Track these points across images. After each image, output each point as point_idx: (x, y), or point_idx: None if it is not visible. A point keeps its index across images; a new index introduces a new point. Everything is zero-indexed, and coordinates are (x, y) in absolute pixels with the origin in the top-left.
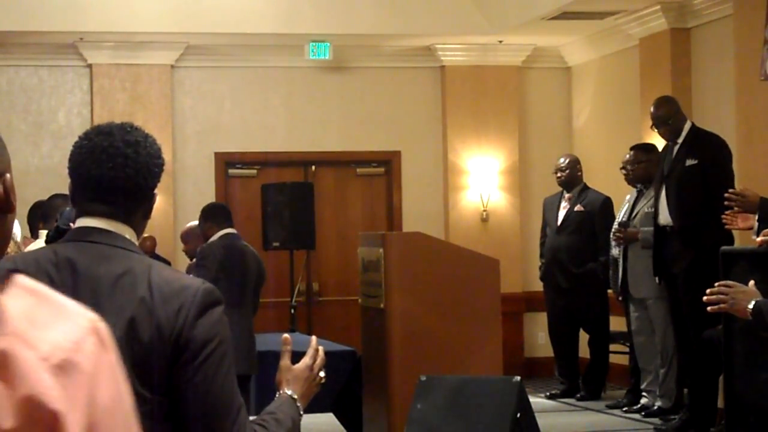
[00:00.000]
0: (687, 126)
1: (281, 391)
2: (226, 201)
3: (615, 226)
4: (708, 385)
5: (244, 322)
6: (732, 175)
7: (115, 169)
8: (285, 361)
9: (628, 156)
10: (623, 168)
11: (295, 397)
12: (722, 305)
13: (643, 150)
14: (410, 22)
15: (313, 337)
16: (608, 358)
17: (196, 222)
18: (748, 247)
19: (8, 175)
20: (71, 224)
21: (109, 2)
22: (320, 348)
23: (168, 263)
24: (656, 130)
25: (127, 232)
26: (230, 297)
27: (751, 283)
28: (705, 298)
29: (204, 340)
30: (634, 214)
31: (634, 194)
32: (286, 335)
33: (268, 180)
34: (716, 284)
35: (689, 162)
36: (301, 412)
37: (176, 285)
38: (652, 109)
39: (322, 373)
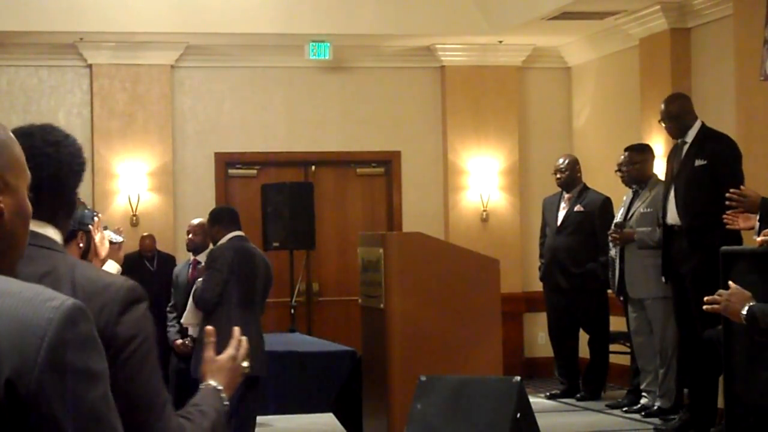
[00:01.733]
0: (697, 125)
1: (205, 383)
2: (226, 201)
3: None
4: (708, 385)
5: (252, 323)
6: (741, 176)
7: (36, 169)
8: (209, 352)
9: (622, 157)
10: (618, 170)
11: (220, 388)
12: (716, 306)
13: (637, 151)
14: (410, 22)
15: (236, 328)
16: (608, 358)
17: (200, 219)
18: (748, 247)
19: None
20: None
21: (109, 2)
22: (243, 339)
23: (172, 259)
24: (662, 125)
25: (51, 231)
26: (239, 298)
27: (732, 285)
28: (706, 299)
29: (128, 337)
30: (630, 214)
31: (630, 195)
32: (209, 327)
33: (268, 180)
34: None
35: (698, 162)
36: (226, 402)
37: (99, 283)
38: (663, 104)
39: (245, 363)
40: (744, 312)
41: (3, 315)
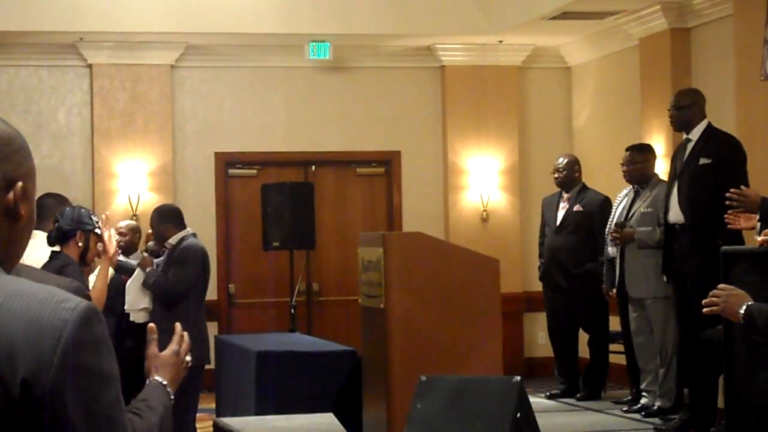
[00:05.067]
0: (703, 124)
1: (151, 378)
2: (226, 201)
3: (611, 226)
4: (708, 385)
5: (204, 317)
6: (745, 177)
7: None
8: (152, 349)
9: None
10: (622, 165)
11: (165, 383)
12: (714, 308)
13: (639, 150)
14: (410, 22)
15: (177, 324)
16: (608, 358)
17: (129, 221)
18: (748, 247)
19: (20, 184)
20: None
21: (109, 2)
22: (185, 334)
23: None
24: (669, 113)
25: None
26: (199, 294)
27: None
28: (704, 302)
29: None
30: (630, 214)
31: (631, 194)
32: (151, 324)
33: (268, 180)
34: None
35: (703, 161)
36: (172, 397)
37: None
38: (676, 94)
39: (188, 357)
40: (741, 311)
41: (18, 316)
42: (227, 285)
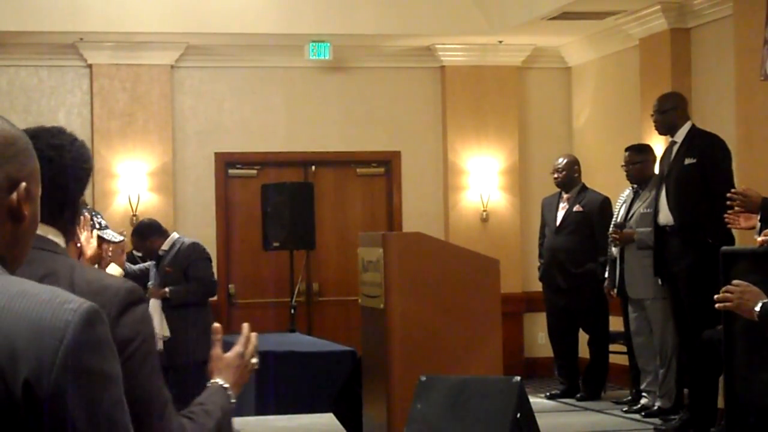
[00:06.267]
0: (687, 126)
1: (212, 381)
2: (226, 201)
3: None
4: (708, 385)
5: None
6: (731, 175)
7: None
8: (216, 350)
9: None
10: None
11: (226, 385)
12: (728, 304)
13: (637, 151)
14: (410, 22)
15: (245, 324)
16: (608, 358)
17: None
18: (748, 247)
19: (23, 185)
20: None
21: (109, 2)
22: (252, 335)
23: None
24: (652, 118)
25: (51, 233)
26: None
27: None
28: (716, 297)
29: (126, 339)
30: (630, 214)
31: (630, 194)
32: (216, 324)
33: (268, 180)
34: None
35: (688, 161)
36: (233, 400)
37: (97, 285)
38: (657, 98)
39: (254, 360)
40: (757, 309)
41: (21, 316)
42: (227, 285)
